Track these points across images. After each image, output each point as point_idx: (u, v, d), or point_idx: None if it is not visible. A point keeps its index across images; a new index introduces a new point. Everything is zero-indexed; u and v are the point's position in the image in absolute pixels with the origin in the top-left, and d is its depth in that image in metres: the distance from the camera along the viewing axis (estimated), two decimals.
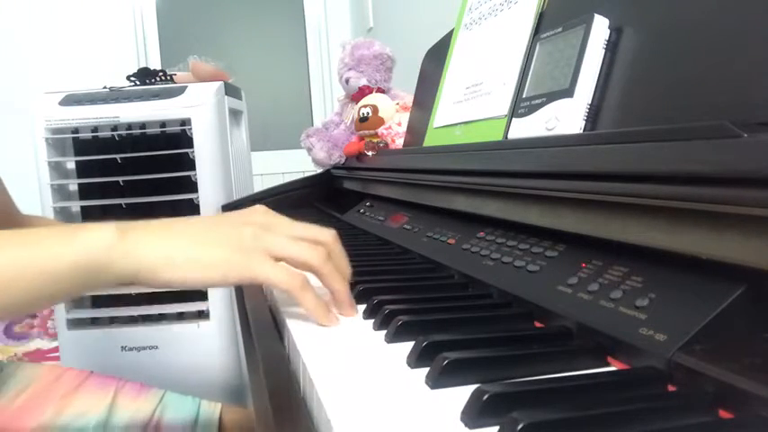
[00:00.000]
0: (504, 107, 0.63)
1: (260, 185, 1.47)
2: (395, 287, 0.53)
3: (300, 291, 0.43)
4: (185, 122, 1.36)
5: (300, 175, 1.37)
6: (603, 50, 0.50)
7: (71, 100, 1.37)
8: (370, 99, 1.14)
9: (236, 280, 0.42)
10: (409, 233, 0.73)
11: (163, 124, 1.38)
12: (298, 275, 0.44)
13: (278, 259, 0.44)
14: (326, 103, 2.91)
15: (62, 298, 0.43)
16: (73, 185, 1.42)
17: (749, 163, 0.28)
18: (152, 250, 0.41)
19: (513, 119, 0.60)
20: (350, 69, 1.23)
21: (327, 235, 0.48)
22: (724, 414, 0.27)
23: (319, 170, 1.30)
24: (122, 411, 0.83)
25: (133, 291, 1.33)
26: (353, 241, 0.82)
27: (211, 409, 0.91)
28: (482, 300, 0.48)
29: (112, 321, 1.42)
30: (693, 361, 0.29)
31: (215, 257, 0.42)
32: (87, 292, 0.42)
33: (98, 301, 1.40)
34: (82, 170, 1.41)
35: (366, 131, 1.11)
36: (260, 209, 0.47)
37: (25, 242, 0.41)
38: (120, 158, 1.36)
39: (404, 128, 1.05)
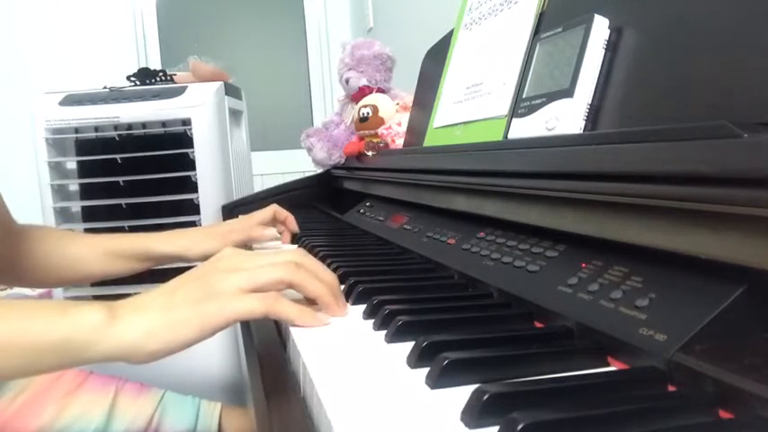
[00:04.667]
0: (504, 107, 0.63)
1: (260, 185, 1.47)
2: (395, 287, 0.53)
3: (276, 306, 0.44)
4: (185, 122, 1.36)
5: (300, 175, 1.37)
6: (603, 50, 0.50)
7: (71, 100, 1.37)
8: (370, 99, 1.14)
9: (215, 327, 0.43)
10: (409, 233, 0.73)
11: (163, 124, 1.38)
12: (268, 295, 0.44)
13: (251, 291, 0.44)
14: (326, 103, 2.90)
15: (50, 370, 0.44)
16: (73, 186, 1.42)
17: (749, 163, 0.28)
18: (133, 327, 0.42)
19: (513, 119, 0.60)
20: (350, 69, 1.23)
21: (294, 253, 0.49)
22: (724, 414, 0.27)
23: (319, 170, 1.30)
24: (122, 411, 0.83)
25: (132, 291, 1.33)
26: (353, 241, 0.82)
27: (211, 409, 0.91)
28: (482, 300, 0.48)
29: None
30: (693, 361, 0.29)
31: (188, 315, 0.43)
32: (76, 366, 0.45)
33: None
34: (82, 170, 1.41)
35: (366, 131, 1.11)
36: (226, 253, 0.49)
37: (18, 315, 0.42)
38: (121, 159, 1.36)
39: (404, 128, 1.05)
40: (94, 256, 0.77)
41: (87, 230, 1.37)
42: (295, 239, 0.87)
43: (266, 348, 0.48)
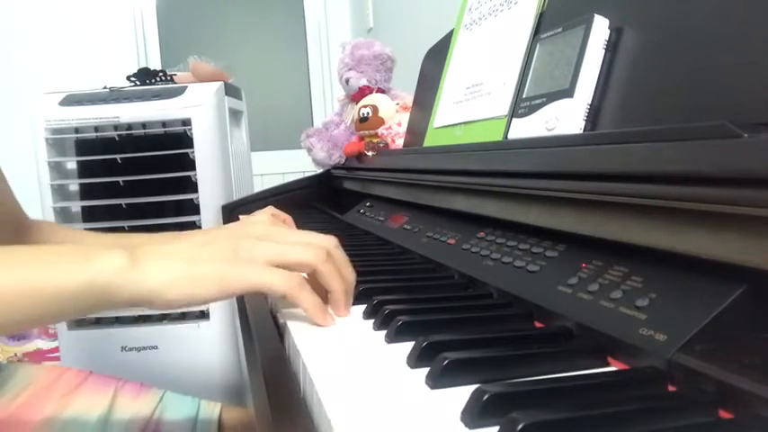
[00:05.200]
0: (504, 107, 0.63)
1: (260, 185, 1.47)
2: (395, 287, 0.53)
3: (298, 291, 0.43)
4: (185, 122, 1.36)
5: (300, 175, 1.37)
6: (603, 50, 0.50)
7: (71, 100, 1.37)
8: (370, 99, 1.14)
9: (235, 291, 0.43)
10: (409, 233, 0.73)
11: (163, 124, 1.38)
12: (294, 276, 0.44)
13: (277, 266, 0.44)
14: (326, 103, 2.90)
15: (71, 316, 0.44)
16: (73, 186, 1.42)
17: (749, 163, 0.28)
18: (156, 274, 0.42)
19: (513, 119, 0.60)
20: (350, 69, 1.23)
21: (328, 240, 0.48)
22: (724, 414, 0.27)
23: (319, 170, 1.30)
24: (122, 411, 0.83)
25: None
26: (353, 241, 0.82)
27: (211, 409, 0.91)
28: (482, 300, 0.48)
29: (113, 321, 1.42)
30: (693, 361, 0.29)
31: (211, 273, 0.43)
32: (94, 313, 0.44)
33: None
34: (82, 170, 1.41)
35: (366, 131, 1.11)
36: (261, 218, 0.48)
37: (39, 261, 0.42)
38: (121, 159, 1.36)
39: (404, 128, 1.05)
40: None
41: (87, 230, 1.37)
42: None
43: (266, 348, 0.48)
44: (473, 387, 0.29)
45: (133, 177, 1.35)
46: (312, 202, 1.30)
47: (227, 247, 0.44)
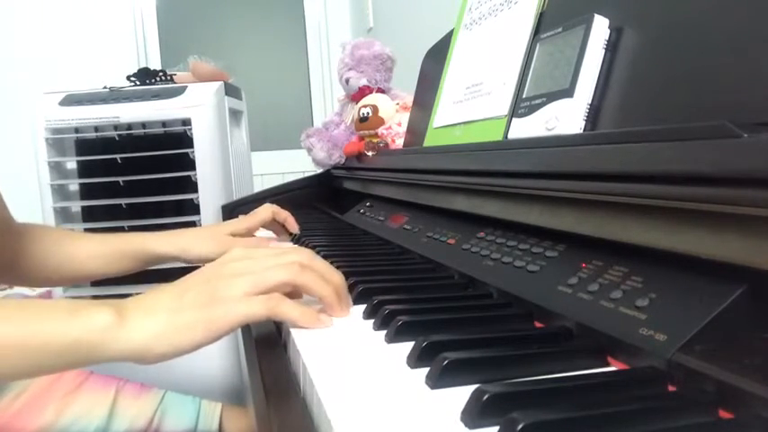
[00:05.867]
0: (504, 107, 0.63)
1: (260, 185, 1.47)
2: (395, 287, 0.53)
3: (278, 308, 0.44)
4: (185, 122, 1.36)
5: (300, 175, 1.37)
6: (603, 50, 0.50)
7: (71, 100, 1.38)
8: (370, 99, 1.14)
9: (221, 332, 0.44)
10: (409, 233, 0.73)
11: (163, 124, 1.38)
12: (271, 297, 0.44)
13: (258, 294, 0.45)
14: (326, 103, 2.90)
15: (59, 370, 0.45)
16: (73, 186, 1.42)
17: (749, 163, 0.28)
18: (141, 330, 0.43)
19: (513, 119, 0.60)
20: (350, 69, 1.23)
21: (301, 253, 0.49)
22: (724, 414, 0.27)
23: (319, 170, 1.30)
24: (123, 411, 0.83)
25: (134, 291, 1.33)
26: (353, 241, 0.82)
27: (211, 409, 0.91)
28: (482, 300, 0.48)
29: None
30: (693, 361, 0.29)
31: (194, 319, 0.43)
32: (81, 367, 0.46)
33: None
34: (82, 170, 1.41)
35: (366, 131, 1.11)
36: (234, 255, 0.49)
37: (30, 315, 0.43)
38: (121, 159, 1.36)
39: (404, 128, 1.05)
40: (93, 255, 0.77)
41: (87, 230, 1.37)
42: (295, 239, 0.87)
43: (266, 348, 0.48)
44: (473, 387, 0.29)
45: (133, 177, 1.35)
46: (312, 202, 1.30)
47: (205, 291, 0.45)
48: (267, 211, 0.86)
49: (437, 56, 0.92)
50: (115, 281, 0.84)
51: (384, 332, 0.41)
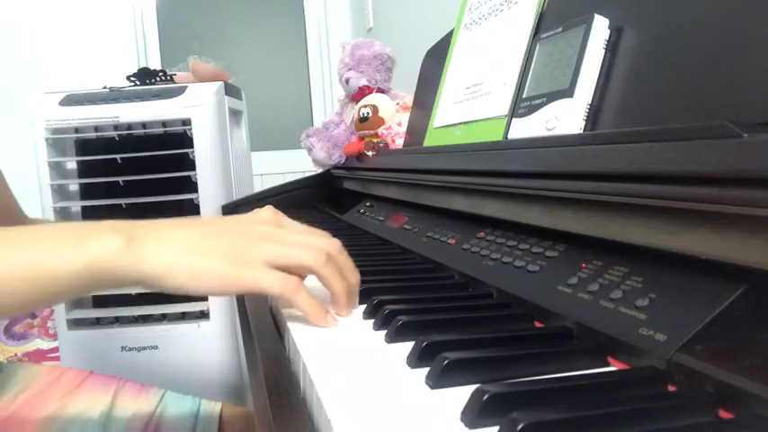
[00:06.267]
0: (504, 107, 0.63)
1: (260, 185, 1.47)
2: (395, 287, 0.53)
3: (294, 293, 0.43)
4: (185, 122, 1.36)
5: (300, 175, 1.37)
6: (603, 50, 0.50)
7: (71, 100, 1.37)
8: (370, 99, 1.14)
9: (231, 291, 0.43)
10: (409, 233, 0.73)
11: (163, 124, 1.38)
12: (291, 279, 0.44)
13: (277, 267, 0.44)
14: (326, 103, 2.90)
15: (67, 298, 0.44)
16: (73, 186, 1.42)
17: (749, 163, 0.28)
18: (155, 259, 0.42)
19: (513, 119, 0.60)
20: (350, 69, 1.23)
21: (331, 243, 0.48)
22: (724, 414, 0.27)
23: (319, 170, 1.30)
24: (122, 411, 0.83)
25: (133, 291, 1.33)
26: (353, 241, 0.82)
27: (211, 409, 0.91)
28: (482, 300, 0.48)
29: (113, 321, 1.42)
30: (693, 361, 0.29)
31: (211, 269, 0.43)
32: (90, 293, 0.44)
33: (99, 302, 1.40)
34: (82, 170, 1.41)
35: (366, 131, 1.11)
36: (266, 214, 0.48)
37: (36, 243, 0.42)
38: (121, 159, 1.36)
39: (404, 128, 1.05)
40: None
41: None
42: None
43: (266, 348, 0.48)
44: (473, 387, 0.29)
45: (133, 177, 1.35)
46: (312, 202, 1.30)
47: (229, 244, 0.44)
48: (262, 211, 0.85)
49: (437, 56, 0.92)
50: None
51: (384, 332, 0.41)
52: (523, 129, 0.57)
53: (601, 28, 0.50)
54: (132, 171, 1.36)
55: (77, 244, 0.42)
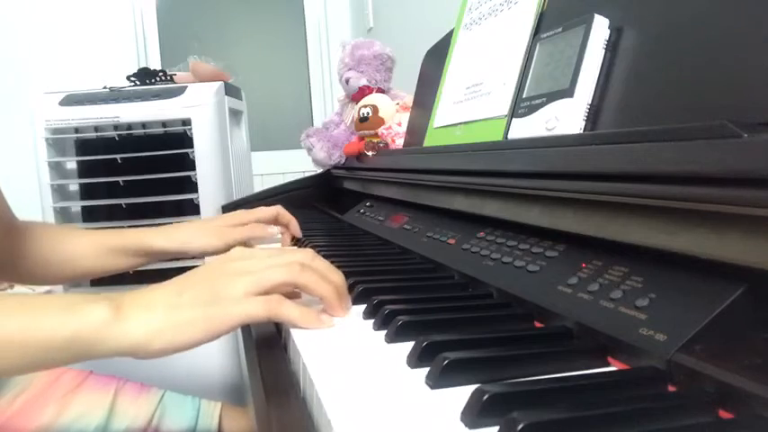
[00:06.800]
0: (504, 107, 0.63)
1: (260, 185, 1.47)
2: (395, 287, 0.53)
3: (278, 310, 0.44)
4: (185, 122, 1.36)
5: (300, 175, 1.37)
6: (603, 50, 0.50)
7: (71, 100, 1.37)
8: (370, 99, 1.14)
9: (220, 331, 0.44)
10: (409, 233, 0.73)
11: (163, 124, 1.38)
12: (271, 299, 0.44)
13: (258, 294, 0.45)
14: (326, 103, 2.90)
15: (57, 365, 0.45)
16: (73, 186, 1.42)
17: (749, 163, 0.28)
18: (139, 326, 0.43)
19: (513, 119, 0.60)
20: (350, 69, 1.23)
21: (302, 253, 0.49)
22: (724, 414, 0.27)
23: (319, 170, 1.30)
24: (122, 411, 0.83)
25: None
26: (353, 241, 0.82)
27: (211, 409, 0.91)
28: (482, 300, 0.48)
29: None
30: (693, 361, 0.29)
31: (193, 317, 0.43)
32: (80, 362, 0.45)
33: None
34: (82, 170, 1.41)
35: (366, 131, 1.11)
36: (233, 254, 0.49)
37: (26, 311, 0.43)
38: (121, 159, 1.36)
39: (404, 128, 1.05)
40: (94, 252, 0.77)
41: (79, 228, 1.37)
42: (295, 240, 0.87)
43: (266, 348, 0.48)
44: (473, 387, 0.29)
45: (133, 177, 1.35)
46: (312, 202, 1.30)
47: (205, 289, 0.45)
48: (270, 210, 0.85)
49: (437, 56, 0.92)
50: (115, 281, 0.83)
51: (384, 332, 0.41)
52: (523, 129, 0.57)
53: (601, 28, 0.50)
54: (132, 171, 1.36)
55: (66, 313, 0.42)
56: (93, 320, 0.42)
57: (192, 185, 1.36)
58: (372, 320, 0.45)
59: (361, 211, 1.00)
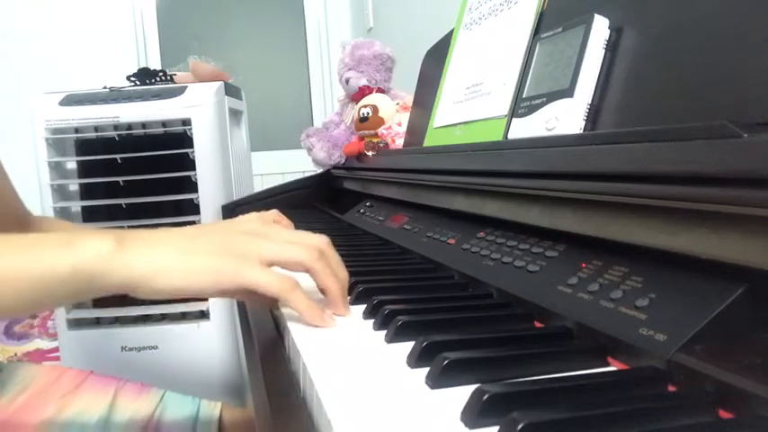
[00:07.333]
0: (504, 107, 0.63)
1: (260, 185, 1.47)
2: (395, 287, 0.53)
3: (291, 293, 0.43)
4: (185, 122, 1.36)
5: (300, 175, 1.37)
6: (603, 50, 0.50)
7: (71, 100, 1.37)
8: (370, 99, 1.14)
9: (228, 287, 0.42)
10: (409, 233, 0.73)
11: (163, 124, 1.38)
12: (287, 279, 0.43)
13: (270, 264, 0.44)
14: (326, 103, 2.90)
15: (57, 303, 0.43)
16: (73, 186, 1.43)
17: (749, 163, 0.28)
18: (146, 260, 0.41)
19: (513, 119, 0.60)
20: (350, 69, 1.23)
21: (320, 239, 0.48)
22: (724, 414, 0.27)
23: (319, 170, 1.30)
24: (122, 411, 0.83)
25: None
26: (353, 241, 0.82)
27: (211, 409, 0.91)
28: (482, 300, 0.48)
29: (113, 321, 1.42)
30: (693, 361, 0.29)
31: (205, 265, 0.42)
32: (81, 299, 0.42)
33: (99, 302, 1.39)
34: (82, 170, 1.41)
35: (366, 131, 1.11)
36: (252, 216, 0.48)
37: (24, 247, 0.41)
38: (121, 159, 1.36)
39: (404, 128, 1.05)
40: None
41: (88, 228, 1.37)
42: None
43: (266, 348, 0.48)
44: (473, 387, 0.29)
45: (133, 177, 1.35)
46: (312, 202, 1.30)
47: (221, 239, 0.43)
48: (269, 216, 0.85)
49: (437, 56, 0.92)
50: None
51: (384, 332, 0.41)
52: (523, 129, 0.57)
53: (601, 28, 0.50)
54: (132, 171, 1.36)
55: (65, 248, 0.41)
56: (94, 252, 0.40)
57: (191, 185, 1.36)
58: (372, 320, 0.45)
59: (361, 211, 1.00)
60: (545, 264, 0.45)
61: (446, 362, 0.32)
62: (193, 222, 1.35)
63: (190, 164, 1.35)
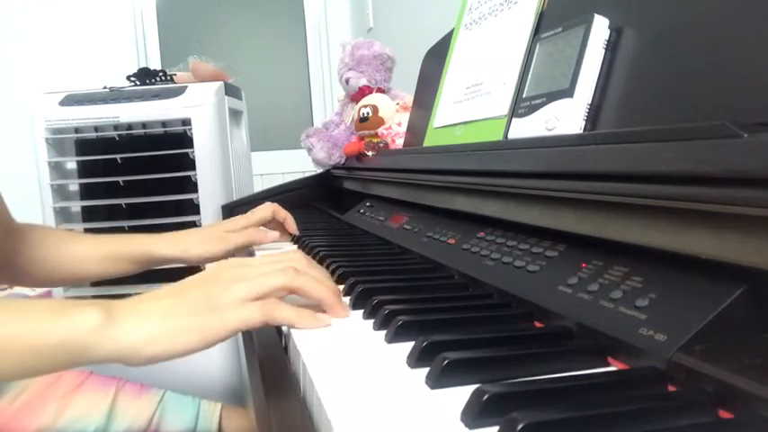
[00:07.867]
0: (504, 107, 0.63)
1: (260, 185, 1.47)
2: (395, 287, 0.53)
3: (274, 313, 0.44)
4: (185, 122, 1.36)
5: (300, 175, 1.37)
6: (603, 50, 0.50)
7: (71, 100, 1.38)
8: (370, 99, 1.14)
9: (217, 339, 0.43)
10: (409, 233, 0.73)
11: (163, 124, 1.38)
12: (266, 303, 0.44)
13: (253, 300, 0.45)
14: (326, 103, 2.90)
15: (46, 372, 0.44)
16: (73, 186, 1.42)
17: (749, 163, 0.28)
18: (132, 331, 0.42)
19: (513, 119, 0.60)
20: (350, 69, 1.23)
21: (292, 257, 0.50)
22: (724, 414, 0.27)
23: (319, 170, 1.30)
24: (122, 411, 0.83)
25: (134, 292, 1.33)
26: (353, 241, 0.82)
27: (211, 410, 0.91)
28: (482, 300, 0.48)
29: None
30: (693, 361, 0.29)
31: (189, 326, 0.43)
32: (71, 368, 0.44)
33: None
34: (82, 170, 1.41)
35: (366, 131, 1.11)
36: (230, 262, 0.49)
37: (15, 317, 0.42)
38: (121, 159, 1.36)
39: (404, 128, 1.05)
40: (94, 257, 0.77)
41: (87, 230, 1.37)
42: (295, 240, 0.87)
43: (266, 349, 0.48)
44: (473, 387, 0.29)
45: (133, 177, 1.35)
46: (312, 202, 1.30)
47: (201, 296, 0.44)
48: (267, 209, 0.86)
49: (437, 56, 0.92)
50: (116, 281, 0.84)
51: (384, 332, 0.41)
52: (523, 129, 0.57)
53: (601, 28, 0.50)
54: (132, 171, 1.36)
55: (56, 317, 0.42)
56: (83, 325, 0.41)
57: (191, 185, 1.36)
58: (372, 320, 0.45)
59: (361, 211, 1.00)
60: (545, 264, 0.45)
61: (446, 362, 0.32)
62: (193, 222, 1.35)
63: (190, 164, 1.35)
